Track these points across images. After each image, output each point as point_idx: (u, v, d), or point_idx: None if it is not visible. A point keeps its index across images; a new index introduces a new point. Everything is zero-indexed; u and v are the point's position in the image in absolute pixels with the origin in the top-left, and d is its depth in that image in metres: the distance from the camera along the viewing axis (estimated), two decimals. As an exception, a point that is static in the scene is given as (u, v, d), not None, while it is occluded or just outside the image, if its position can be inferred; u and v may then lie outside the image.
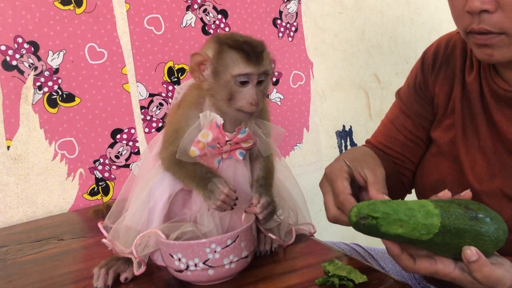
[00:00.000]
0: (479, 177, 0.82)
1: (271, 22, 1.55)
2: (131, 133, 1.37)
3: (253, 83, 0.75)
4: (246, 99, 0.74)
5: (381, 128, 1.03)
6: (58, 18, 1.27)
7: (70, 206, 1.32)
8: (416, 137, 0.97)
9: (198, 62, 0.76)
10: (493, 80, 0.82)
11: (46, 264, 0.92)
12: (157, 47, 1.39)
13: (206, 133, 0.78)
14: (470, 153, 0.85)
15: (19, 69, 1.24)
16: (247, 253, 0.72)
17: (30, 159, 1.27)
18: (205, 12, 1.45)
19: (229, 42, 0.75)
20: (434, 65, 0.94)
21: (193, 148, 0.78)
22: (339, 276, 0.66)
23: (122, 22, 1.34)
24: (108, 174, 1.36)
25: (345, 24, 1.70)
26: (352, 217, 0.62)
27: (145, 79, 1.38)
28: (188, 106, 0.80)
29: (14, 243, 1.06)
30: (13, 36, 1.22)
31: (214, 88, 0.76)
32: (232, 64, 0.74)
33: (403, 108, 0.99)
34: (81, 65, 1.30)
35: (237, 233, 0.70)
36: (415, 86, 0.97)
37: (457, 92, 0.89)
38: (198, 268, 0.69)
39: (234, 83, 0.74)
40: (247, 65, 0.73)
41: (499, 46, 0.74)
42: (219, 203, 0.73)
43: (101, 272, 0.76)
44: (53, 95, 1.28)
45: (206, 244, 0.68)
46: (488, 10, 0.71)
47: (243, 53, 0.73)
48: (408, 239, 0.61)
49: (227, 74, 0.74)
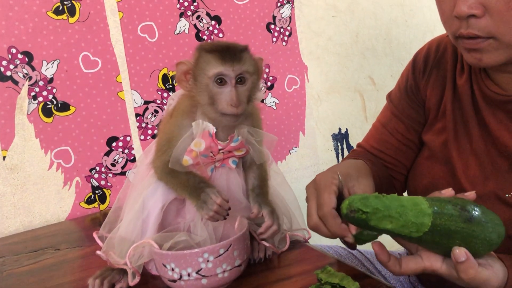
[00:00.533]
0: (472, 180, 0.83)
1: (264, 27, 1.56)
2: (126, 140, 1.38)
3: (232, 83, 0.75)
4: (225, 100, 0.75)
5: (373, 131, 1.03)
6: (51, 28, 1.27)
7: (67, 214, 1.32)
8: (409, 141, 0.97)
9: (183, 71, 0.78)
10: (484, 83, 0.83)
11: (42, 274, 0.92)
12: (151, 54, 1.39)
13: (199, 142, 0.78)
14: (462, 156, 0.85)
15: (14, 80, 1.24)
16: (240, 261, 0.72)
17: (26, 169, 1.27)
18: (199, 19, 1.45)
19: (207, 47, 0.77)
20: (425, 68, 0.94)
21: (186, 157, 0.79)
22: (331, 283, 0.67)
23: (115, 30, 1.35)
24: (105, 182, 1.36)
25: (339, 28, 1.70)
26: (343, 209, 0.62)
27: (140, 86, 1.39)
28: (180, 115, 0.81)
29: (11, 254, 1.06)
30: (7, 47, 1.23)
31: (197, 94, 0.77)
32: (207, 65, 0.75)
33: (394, 111, 0.99)
34: (76, 74, 1.31)
35: (229, 242, 0.70)
36: (406, 89, 0.97)
37: (449, 95, 0.89)
38: (192, 278, 0.69)
39: (212, 85, 0.75)
40: (220, 64, 0.74)
41: (488, 50, 0.74)
42: (212, 213, 0.73)
43: (96, 283, 0.76)
44: (48, 105, 1.28)
45: (199, 254, 0.69)
46: (475, 15, 0.71)
47: (218, 54, 0.75)
48: (397, 234, 0.62)
49: (204, 77, 0.75)
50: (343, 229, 0.68)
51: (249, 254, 0.76)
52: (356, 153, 1.01)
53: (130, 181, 0.92)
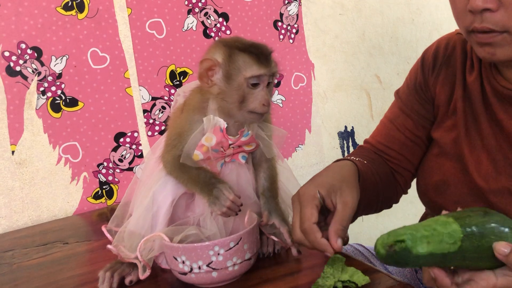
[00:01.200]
0: (484, 176, 0.83)
1: (272, 24, 1.56)
2: (134, 136, 1.38)
3: (264, 84, 0.76)
4: (258, 100, 0.76)
5: (380, 127, 1.03)
6: (60, 24, 1.28)
7: (74, 209, 1.33)
8: (416, 137, 0.97)
9: (207, 68, 0.77)
10: (495, 79, 0.83)
11: (51, 268, 0.93)
12: (159, 51, 1.40)
13: (210, 137, 0.78)
14: (474, 152, 0.85)
15: (23, 75, 1.25)
16: (250, 255, 0.73)
17: (34, 164, 1.28)
18: (206, 16, 1.46)
19: (238, 45, 0.76)
20: (435, 66, 0.94)
21: (196, 152, 0.79)
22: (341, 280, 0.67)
23: (124, 26, 1.35)
24: (112, 177, 1.37)
25: (345, 26, 1.71)
26: (380, 250, 0.60)
27: (148, 82, 1.39)
28: (191, 110, 0.81)
29: (20, 247, 1.07)
30: (17, 42, 1.24)
31: (226, 92, 0.77)
32: (245, 66, 0.75)
33: (402, 108, 0.99)
34: (84, 69, 1.31)
35: (240, 236, 0.71)
36: (415, 86, 0.98)
37: (459, 92, 0.89)
38: (202, 271, 0.70)
39: (246, 86, 0.75)
40: (259, 67, 0.75)
41: (502, 44, 0.74)
42: (225, 209, 0.74)
43: (106, 276, 0.77)
44: (56, 100, 1.29)
45: (210, 247, 0.69)
46: (490, 9, 0.71)
47: (254, 55, 0.75)
48: (441, 255, 0.60)
49: (240, 77, 0.75)
50: (323, 243, 0.69)
51: (258, 248, 0.77)
52: (362, 149, 1.01)
53: (138, 177, 0.93)
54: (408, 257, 0.60)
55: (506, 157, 0.81)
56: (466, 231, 0.60)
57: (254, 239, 0.74)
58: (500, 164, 0.81)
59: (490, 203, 0.81)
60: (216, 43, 0.79)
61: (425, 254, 0.60)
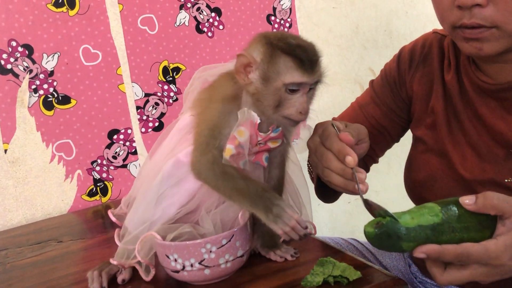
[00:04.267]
0: (470, 169, 0.84)
1: (265, 18, 1.55)
2: (127, 133, 1.38)
3: (304, 91, 0.70)
4: (295, 107, 0.69)
5: (349, 111, 1.07)
6: (51, 21, 1.27)
7: (69, 207, 1.33)
8: (382, 127, 1.00)
9: (243, 64, 0.70)
10: (475, 75, 0.84)
11: (45, 266, 0.93)
12: (152, 46, 1.39)
13: (243, 131, 0.71)
14: (458, 148, 0.86)
15: (14, 73, 1.24)
16: (243, 252, 0.73)
17: (27, 162, 1.27)
18: (199, 11, 1.45)
19: (282, 45, 0.68)
20: (411, 65, 0.96)
21: (229, 146, 0.70)
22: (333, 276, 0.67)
23: (115, 22, 1.34)
24: (106, 174, 1.36)
25: (339, 19, 1.70)
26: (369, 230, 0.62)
27: (140, 79, 1.38)
28: (224, 100, 0.73)
29: (14, 246, 1.07)
30: (7, 40, 1.23)
31: (261, 93, 0.70)
32: (285, 71, 0.68)
33: (374, 98, 1.01)
34: (76, 67, 1.31)
35: (232, 233, 0.71)
36: (388, 81, 1.00)
37: (438, 91, 0.90)
38: (194, 268, 0.70)
39: (284, 91, 0.69)
40: (302, 74, 0.68)
41: (489, 39, 0.74)
42: (289, 229, 0.68)
43: (94, 275, 0.77)
44: (48, 98, 1.28)
45: (202, 245, 0.69)
46: (480, 4, 0.72)
47: (298, 60, 0.67)
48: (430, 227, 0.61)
49: (278, 81, 0.68)
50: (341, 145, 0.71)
51: (251, 245, 0.77)
52: None
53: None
54: (398, 230, 0.60)
55: (490, 151, 0.82)
56: (443, 205, 0.63)
57: (246, 235, 0.74)
58: (485, 157, 0.82)
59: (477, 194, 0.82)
60: (259, 38, 0.71)
61: (415, 226, 0.61)
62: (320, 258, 0.71)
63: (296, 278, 0.71)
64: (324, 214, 1.76)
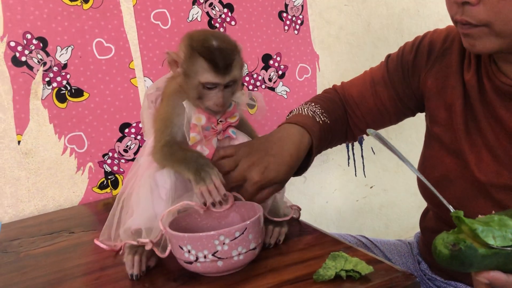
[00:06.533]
0: (486, 172, 0.83)
1: (277, 15, 1.56)
2: (139, 127, 1.39)
3: (220, 88, 0.79)
4: (213, 101, 0.79)
5: (360, 82, 1.05)
6: (65, 14, 1.28)
7: (80, 199, 1.34)
8: (385, 108, 1.00)
9: (172, 60, 0.81)
10: (495, 76, 0.83)
11: (58, 256, 0.94)
12: (164, 41, 1.40)
13: (199, 117, 0.81)
14: (474, 149, 0.85)
15: (29, 65, 1.25)
16: (255, 244, 0.74)
17: (40, 154, 1.29)
18: (211, 6, 1.45)
19: (200, 48, 0.78)
20: (429, 58, 0.95)
21: (192, 135, 0.82)
22: (345, 270, 0.68)
23: (129, 17, 1.35)
24: (117, 167, 1.37)
25: (350, 17, 1.70)
26: (442, 251, 0.58)
27: (152, 73, 1.39)
28: (171, 95, 0.84)
29: (27, 236, 1.08)
30: (22, 32, 1.24)
31: (185, 87, 0.80)
32: (201, 72, 0.77)
33: (385, 78, 1.00)
34: (89, 60, 1.32)
35: (245, 226, 0.71)
36: (403, 64, 0.98)
37: (456, 89, 0.89)
38: (208, 260, 0.70)
39: (202, 87, 0.79)
40: (215, 76, 0.77)
41: (480, 37, 0.76)
42: (205, 189, 0.75)
43: (135, 259, 0.78)
44: (62, 90, 1.29)
45: (215, 236, 0.70)
46: (470, 3, 0.73)
47: (212, 63, 0.77)
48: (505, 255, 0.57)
49: (195, 80, 0.78)
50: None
51: (263, 238, 0.77)
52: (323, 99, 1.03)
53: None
54: (474, 259, 0.57)
55: (507, 154, 0.81)
56: None
57: (259, 229, 0.75)
58: (502, 160, 0.81)
59: (493, 198, 0.81)
60: (185, 38, 0.81)
61: (491, 254, 0.57)
62: (332, 253, 0.72)
63: (308, 272, 0.72)
64: (332, 211, 1.76)
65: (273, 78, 1.57)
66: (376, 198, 1.83)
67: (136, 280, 0.77)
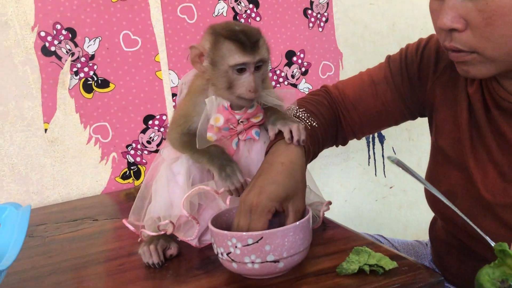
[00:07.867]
0: (491, 189, 0.79)
1: (302, 12, 1.56)
2: (162, 119, 1.40)
3: (251, 71, 0.77)
4: (245, 87, 0.77)
5: (357, 82, 0.97)
6: (94, 6, 1.30)
7: (103, 188, 1.36)
8: (387, 111, 0.95)
9: (197, 54, 0.79)
10: (496, 92, 0.79)
11: (82, 242, 0.96)
12: (190, 35, 1.41)
13: (217, 117, 0.80)
14: (479, 165, 0.81)
15: (57, 55, 1.28)
16: (276, 258, 0.68)
17: (65, 142, 1.31)
18: (237, 2, 1.46)
19: (224, 32, 0.77)
20: (437, 66, 0.89)
21: (209, 134, 0.81)
22: (369, 264, 0.68)
23: (156, 10, 1.37)
24: (140, 158, 1.39)
25: (375, 16, 1.69)
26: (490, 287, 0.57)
27: (177, 67, 1.41)
28: (194, 93, 0.84)
29: (52, 222, 1.11)
30: (52, 23, 1.26)
31: (214, 78, 0.79)
32: (228, 54, 0.76)
33: (388, 78, 0.94)
34: (116, 52, 1.34)
35: (260, 235, 0.67)
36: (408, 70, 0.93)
37: (462, 102, 0.84)
38: (224, 258, 0.69)
39: (232, 72, 0.77)
40: (243, 55, 0.76)
41: (473, 63, 0.73)
42: (234, 188, 0.77)
43: (151, 249, 0.79)
44: (88, 81, 1.32)
45: (227, 237, 0.68)
46: (457, 29, 0.70)
47: (238, 43, 0.76)
48: None
49: (224, 65, 0.77)
50: None
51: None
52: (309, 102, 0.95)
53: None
54: None
55: None
56: None
57: (282, 243, 0.67)
58: (508, 177, 0.78)
59: (498, 217, 0.78)
60: (208, 29, 0.80)
61: None
62: (355, 247, 0.72)
63: (331, 265, 0.72)
64: (351, 210, 1.76)
65: (296, 75, 1.58)
66: (395, 199, 1.82)
67: (159, 268, 0.78)
